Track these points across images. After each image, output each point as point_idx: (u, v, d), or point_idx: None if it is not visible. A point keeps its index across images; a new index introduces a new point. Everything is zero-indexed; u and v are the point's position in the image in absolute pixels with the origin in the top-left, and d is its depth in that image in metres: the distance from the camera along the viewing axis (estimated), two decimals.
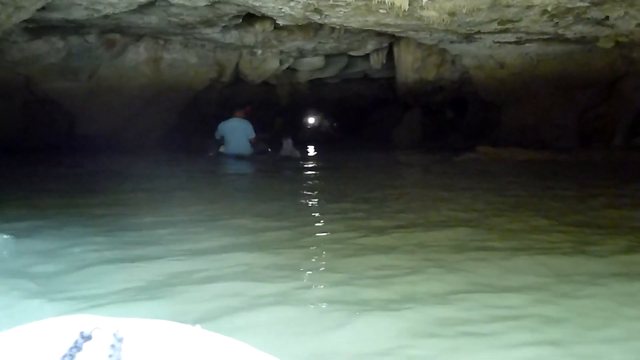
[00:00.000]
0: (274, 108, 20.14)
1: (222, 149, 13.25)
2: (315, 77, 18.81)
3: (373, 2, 8.14)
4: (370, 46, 15.15)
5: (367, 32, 13.83)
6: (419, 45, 15.51)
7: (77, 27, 11.27)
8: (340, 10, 9.08)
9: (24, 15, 7.47)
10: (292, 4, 8.73)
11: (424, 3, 8.21)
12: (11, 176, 9.24)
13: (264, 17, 12.35)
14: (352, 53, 15.58)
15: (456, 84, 16.72)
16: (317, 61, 16.51)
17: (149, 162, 11.68)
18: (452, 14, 8.67)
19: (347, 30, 13.62)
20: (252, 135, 13.26)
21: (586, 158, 11.39)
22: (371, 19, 9.51)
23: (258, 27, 12.86)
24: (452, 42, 12.20)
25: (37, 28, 10.92)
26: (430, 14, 8.73)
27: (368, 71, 19.53)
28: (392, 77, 20.57)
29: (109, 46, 13.06)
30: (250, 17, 11.87)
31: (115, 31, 12.38)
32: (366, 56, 16.96)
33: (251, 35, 13.24)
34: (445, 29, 10.12)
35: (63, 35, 12.06)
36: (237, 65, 15.30)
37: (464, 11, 8.57)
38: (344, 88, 22.02)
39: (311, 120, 17.52)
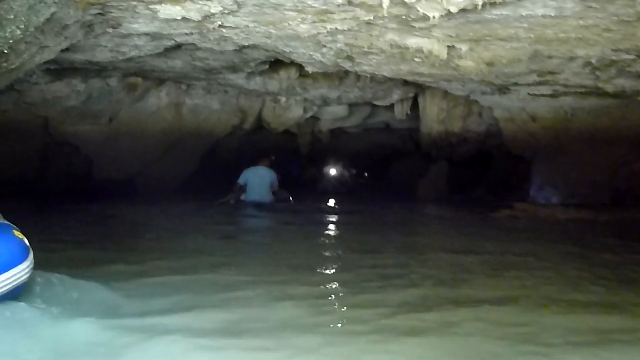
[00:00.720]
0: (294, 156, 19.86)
1: (242, 197, 12.85)
2: (336, 126, 18.52)
3: (410, 50, 7.78)
4: (395, 96, 14.85)
5: (393, 82, 13.55)
6: (445, 96, 15.18)
7: (99, 70, 10.99)
8: (373, 58, 8.74)
9: (48, 55, 7.14)
10: (324, 50, 8.40)
11: (462, 52, 7.86)
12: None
13: (289, 64, 12.05)
14: (376, 102, 15.28)
15: (481, 136, 16.33)
16: (341, 110, 16.23)
17: (174, 212, 11.26)
18: (490, 64, 8.31)
19: (373, 79, 13.26)
20: (276, 184, 13.09)
21: (629, 217, 10.87)
22: (404, 67, 9.17)
23: (283, 74, 12.61)
24: (483, 93, 11.84)
25: (58, 70, 10.63)
26: (468, 64, 8.38)
27: (390, 121, 19.28)
28: (414, 128, 20.32)
29: (130, 90, 12.77)
30: (275, 64, 11.59)
31: (137, 75, 12.09)
32: (389, 106, 16.58)
33: (275, 82, 12.95)
34: (480, 80, 9.77)
35: (84, 78, 11.76)
36: (259, 112, 14.98)
37: (504, 62, 8.21)
38: (365, 138, 21.74)
39: (332, 170, 17.33)
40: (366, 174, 21.98)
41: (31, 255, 4.00)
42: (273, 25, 6.96)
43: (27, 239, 3.87)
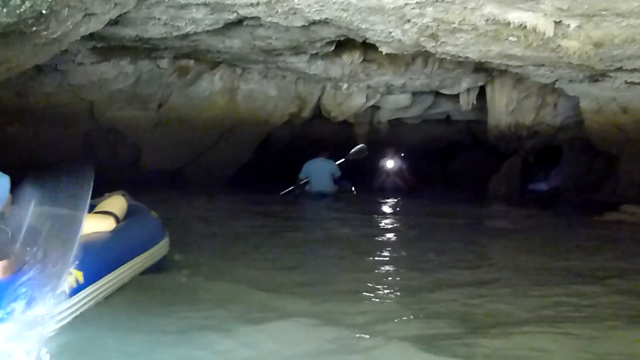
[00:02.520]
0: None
1: (307, 188, 13.06)
2: (396, 117, 17.46)
3: (509, 26, 6.69)
4: (464, 84, 13.81)
5: (463, 69, 12.67)
6: (516, 85, 14.12)
7: (149, 50, 10.09)
8: (461, 37, 7.65)
9: (95, 25, 6.21)
10: (406, 26, 7.32)
11: (569, 30, 6.75)
12: None
13: (353, 48, 11.26)
14: (443, 91, 14.21)
15: (554, 129, 15.14)
16: (404, 99, 15.17)
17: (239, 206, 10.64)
18: (599, 44, 7.17)
19: (442, 66, 12.42)
20: (338, 173, 13.40)
21: None
22: (495, 48, 8.06)
23: (346, 58, 11.69)
24: (571, 81, 10.71)
25: (105, 48, 9.73)
26: (571, 44, 7.25)
27: (452, 112, 18.15)
28: (475, 120, 19.23)
29: (181, 73, 11.98)
30: (338, 47, 10.61)
31: (190, 56, 11.24)
32: (450, 97, 15.66)
33: (338, 67, 12.05)
34: (578, 65, 8.61)
35: (133, 59, 10.94)
36: (318, 100, 14.06)
37: (616, 42, 7.06)
38: (423, 130, 20.57)
39: (391, 163, 15.88)
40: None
41: (167, 232, 5.08)
42: None
43: None
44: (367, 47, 11.60)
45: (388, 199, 13.55)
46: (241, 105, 13.13)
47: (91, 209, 4.25)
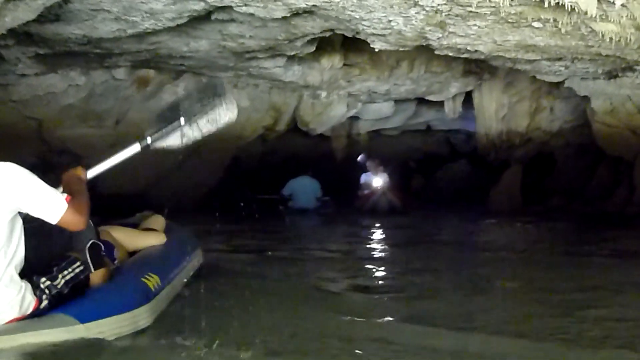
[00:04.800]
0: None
1: (290, 204, 13.87)
2: (376, 128, 16.32)
3: (542, 5, 5.43)
4: (453, 89, 12.85)
5: (452, 72, 11.80)
6: (505, 90, 13.16)
7: (102, 56, 8.69)
8: (475, 25, 6.43)
9: (25, 14, 4.91)
10: (412, 11, 6.04)
11: (611, 11, 5.53)
12: None
13: (332, 51, 10.29)
14: (430, 97, 13.21)
15: (548, 135, 14.02)
16: (386, 108, 14.15)
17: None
18: None
19: (428, 70, 11.48)
20: (320, 195, 14.08)
21: None
22: (513, 38, 6.83)
23: (325, 62, 10.59)
24: (584, 78, 9.55)
25: (50, 56, 8.32)
26: (609, 28, 6.05)
27: (433, 122, 17.12)
28: (455, 130, 18.20)
29: (140, 85, 10.66)
30: (316, 51, 9.44)
31: (150, 65, 9.93)
32: (433, 105, 14.91)
33: (316, 73, 10.96)
34: (607, 55, 7.41)
35: (85, 69, 9.55)
36: (294, 110, 12.91)
37: None
38: (402, 142, 19.40)
39: (377, 181, 13.93)
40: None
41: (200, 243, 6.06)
42: None
43: None
44: (348, 50, 10.68)
45: (377, 222, 12.11)
46: None
47: (133, 226, 5.27)
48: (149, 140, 4.39)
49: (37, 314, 3.41)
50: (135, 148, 4.32)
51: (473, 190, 15.80)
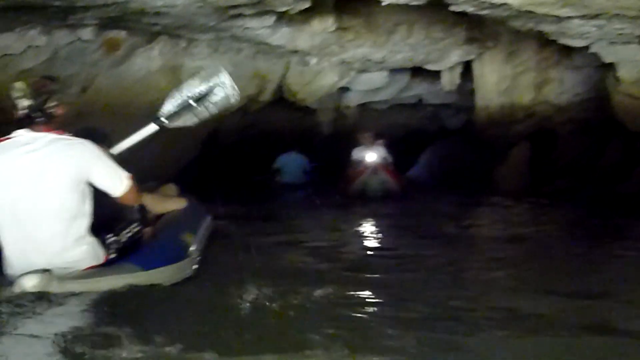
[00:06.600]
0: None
1: (278, 178, 14.63)
2: (366, 101, 15.33)
3: None
4: (454, 57, 12.01)
5: (454, 39, 10.96)
6: (508, 60, 12.17)
7: (64, 11, 7.52)
8: None
9: None
10: None
11: None
12: None
13: (325, 13, 9.40)
14: (428, 67, 12.24)
15: (554, 110, 13.08)
16: (379, 78, 13.17)
17: None
18: None
19: (429, 36, 10.65)
20: (309, 169, 14.81)
21: None
22: None
23: (317, 25, 9.62)
24: (612, 42, 8.54)
25: (4, 10, 7.17)
26: None
27: (425, 95, 16.19)
28: (445, 104, 17.29)
29: (110, 48, 9.52)
30: (307, 11, 8.51)
31: (120, 25, 8.80)
32: (426, 77, 14.18)
33: (306, 37, 9.96)
34: None
35: (46, 28, 8.37)
36: (281, 79, 11.89)
37: None
38: (389, 117, 18.41)
39: (371, 156, 12.22)
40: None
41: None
42: None
43: None
44: (342, 12, 9.80)
45: (371, 206, 11.00)
46: None
47: None
48: (164, 120, 5.11)
49: (107, 263, 4.27)
50: (152, 128, 5.13)
51: (467, 168, 14.85)
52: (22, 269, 3.88)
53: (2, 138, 4.18)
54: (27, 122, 4.15)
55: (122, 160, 8.74)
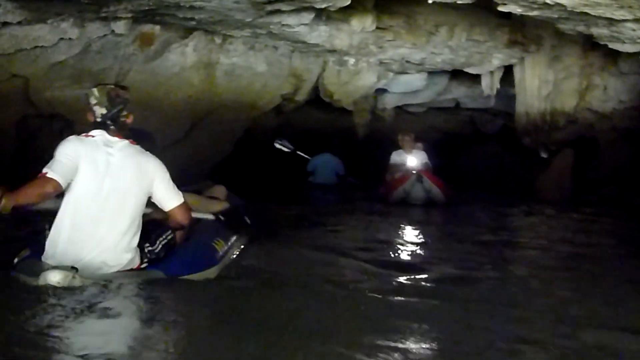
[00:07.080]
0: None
1: (310, 179, 14.86)
2: (403, 103, 15.12)
3: None
4: (496, 61, 11.77)
5: (495, 42, 10.64)
6: (551, 65, 11.89)
7: (98, 3, 7.32)
8: None
9: None
10: None
11: None
12: None
13: (364, 11, 9.14)
14: (469, 70, 12.04)
15: (596, 117, 12.78)
16: (418, 80, 13.00)
17: None
18: None
19: (470, 38, 10.35)
20: (343, 172, 14.85)
21: None
22: None
23: (355, 24, 9.32)
24: None
25: (36, 1, 6.98)
26: None
27: (462, 99, 15.89)
28: (481, 109, 16.95)
29: (144, 42, 9.34)
30: (346, 9, 8.27)
31: (155, 20, 8.64)
32: (464, 80, 14.07)
33: (345, 36, 9.73)
34: None
35: (78, 20, 8.14)
36: (317, 78, 11.73)
37: None
38: (425, 121, 18.13)
39: (412, 160, 11.56)
40: None
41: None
42: None
43: None
44: (381, 12, 9.56)
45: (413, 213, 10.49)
46: (221, 85, 10.65)
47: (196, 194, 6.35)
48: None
49: (137, 270, 4.51)
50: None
51: (505, 175, 14.52)
52: (65, 256, 4.23)
53: (84, 134, 4.49)
54: (102, 126, 4.48)
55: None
